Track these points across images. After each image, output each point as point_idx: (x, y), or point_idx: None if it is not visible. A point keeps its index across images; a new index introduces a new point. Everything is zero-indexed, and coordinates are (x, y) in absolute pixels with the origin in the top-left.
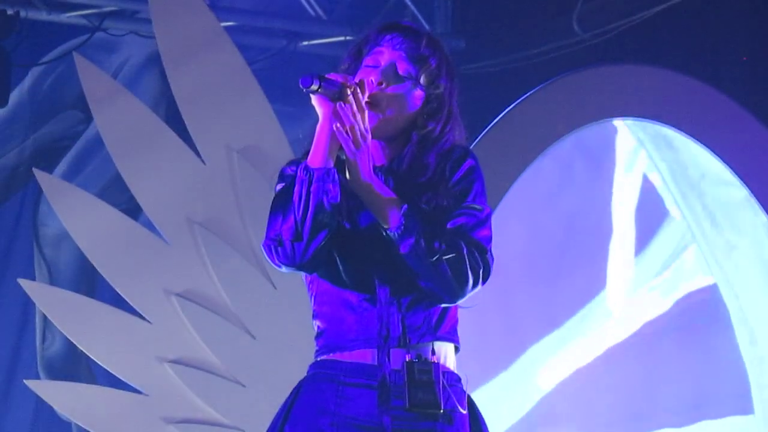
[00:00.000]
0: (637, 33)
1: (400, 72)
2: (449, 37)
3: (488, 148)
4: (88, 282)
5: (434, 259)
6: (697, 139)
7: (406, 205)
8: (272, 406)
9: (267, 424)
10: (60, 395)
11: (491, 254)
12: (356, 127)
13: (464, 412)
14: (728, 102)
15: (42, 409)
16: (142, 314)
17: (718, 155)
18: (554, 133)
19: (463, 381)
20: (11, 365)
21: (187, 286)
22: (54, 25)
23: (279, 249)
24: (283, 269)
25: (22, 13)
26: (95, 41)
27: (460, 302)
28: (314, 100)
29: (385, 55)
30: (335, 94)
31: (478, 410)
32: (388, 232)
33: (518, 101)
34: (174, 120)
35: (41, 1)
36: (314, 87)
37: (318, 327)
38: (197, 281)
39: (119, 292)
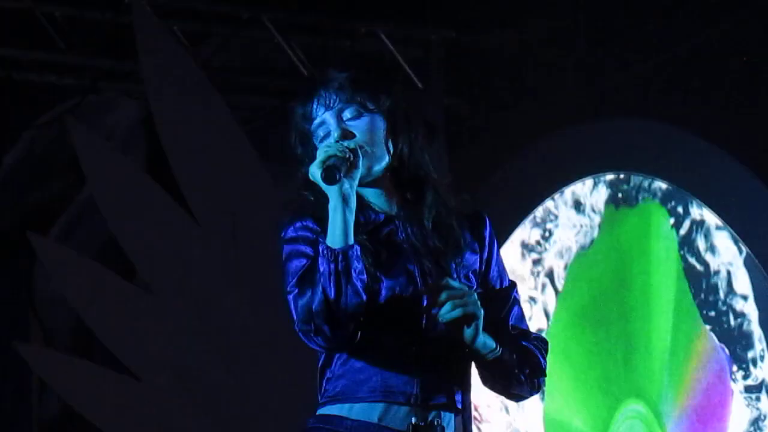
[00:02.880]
0: (631, 86)
1: (343, 113)
2: (442, 95)
3: (483, 204)
4: (85, 344)
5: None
6: (697, 196)
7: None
8: None
9: None
10: None
11: None
12: None
13: None
14: (722, 155)
15: None
16: (139, 377)
17: (716, 212)
18: (547, 189)
19: None
20: (9, 428)
21: (184, 348)
22: (46, 88)
23: (317, 337)
24: (325, 349)
25: (14, 76)
26: (88, 103)
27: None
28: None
29: (320, 119)
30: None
31: None
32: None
33: (514, 158)
34: (168, 181)
35: (33, 63)
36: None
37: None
38: (194, 345)
39: (115, 354)
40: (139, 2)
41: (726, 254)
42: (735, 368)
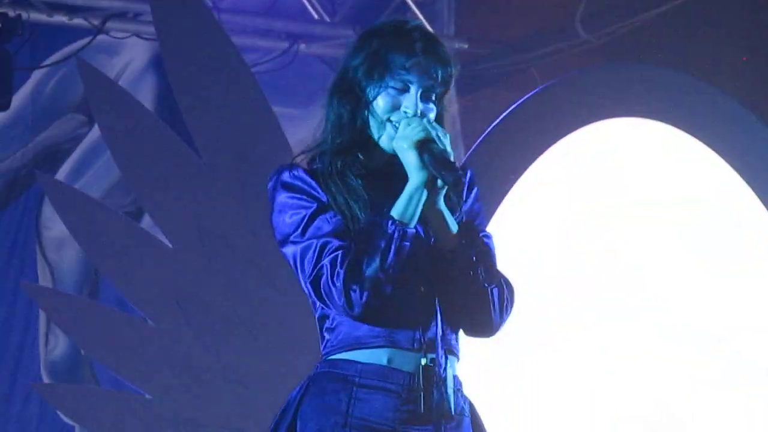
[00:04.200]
0: (639, 34)
1: (430, 98)
2: (452, 39)
3: (491, 148)
4: (91, 285)
5: (486, 284)
6: (700, 139)
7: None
8: (274, 409)
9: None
10: (63, 398)
11: None
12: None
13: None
14: (730, 101)
15: (45, 412)
16: (146, 317)
17: (720, 154)
18: (556, 133)
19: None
20: (14, 368)
21: (190, 288)
22: (56, 28)
23: (351, 298)
24: (345, 312)
25: (24, 16)
26: (97, 44)
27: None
28: (418, 164)
29: (416, 82)
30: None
31: (479, 416)
32: (448, 248)
33: (520, 101)
34: (176, 123)
35: (43, 4)
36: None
37: (331, 324)
38: (200, 284)
39: (122, 295)
40: None
41: None
42: None
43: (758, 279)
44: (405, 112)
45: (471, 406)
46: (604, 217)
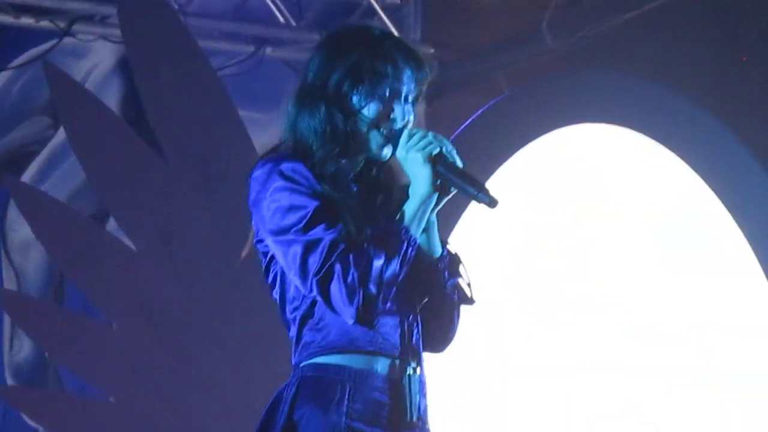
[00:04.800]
0: (605, 41)
1: (412, 103)
2: (418, 44)
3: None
4: (56, 288)
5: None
6: (665, 145)
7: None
8: (240, 414)
9: (234, 431)
10: (28, 401)
11: None
12: None
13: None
14: (696, 108)
15: (10, 415)
16: (110, 321)
17: (686, 161)
18: (522, 139)
19: None
20: None
21: (155, 292)
22: (23, 30)
23: (373, 301)
24: (349, 314)
25: None
26: (64, 46)
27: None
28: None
29: (402, 89)
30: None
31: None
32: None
33: (486, 107)
34: (142, 126)
35: (9, 6)
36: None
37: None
38: (165, 288)
39: (87, 299)
40: None
41: None
42: None
43: (720, 279)
44: (394, 120)
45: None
46: (568, 220)
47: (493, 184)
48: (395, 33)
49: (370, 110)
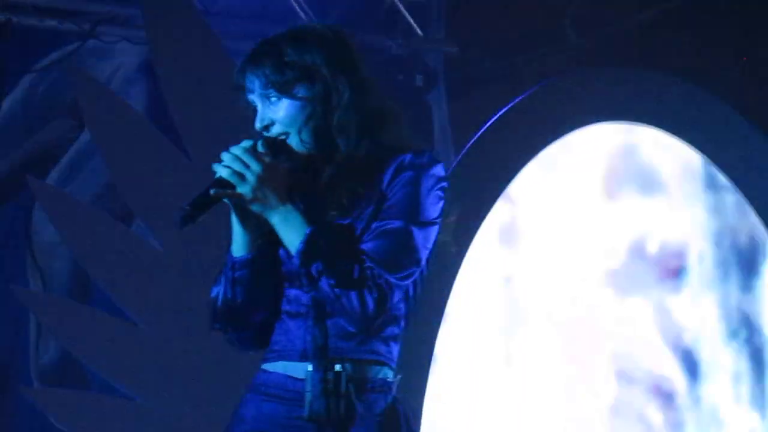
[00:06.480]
0: (630, 36)
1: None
2: (443, 42)
3: (480, 151)
4: (82, 289)
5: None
6: (690, 143)
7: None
8: None
9: None
10: (54, 403)
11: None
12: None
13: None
14: (721, 106)
15: (36, 417)
16: (136, 321)
17: (710, 158)
18: (546, 137)
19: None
20: (5, 373)
21: (181, 291)
22: (47, 32)
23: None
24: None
25: (14, 20)
26: (87, 48)
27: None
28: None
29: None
30: (213, 199)
31: (402, 414)
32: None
33: (510, 104)
34: (167, 126)
35: (33, 8)
36: (186, 221)
37: None
38: (191, 287)
39: (113, 299)
40: None
41: None
42: None
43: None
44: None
45: (389, 407)
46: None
47: (520, 182)
48: (418, 31)
49: None
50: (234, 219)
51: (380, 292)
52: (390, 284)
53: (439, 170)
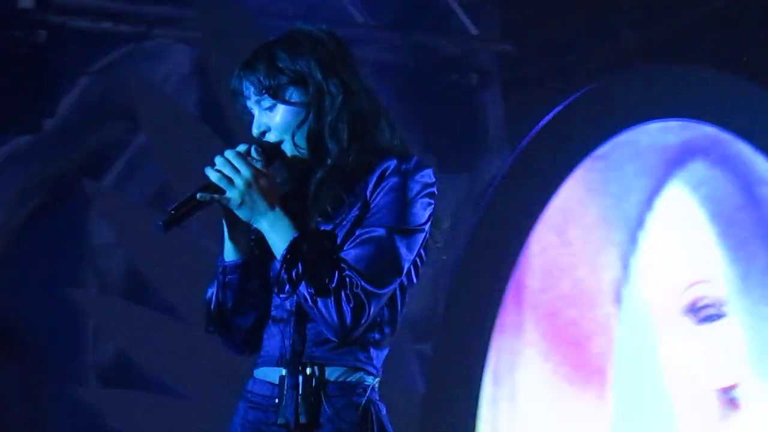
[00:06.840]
0: (684, 33)
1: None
2: (497, 41)
3: (536, 150)
4: (139, 291)
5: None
6: (746, 139)
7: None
8: None
9: None
10: (112, 404)
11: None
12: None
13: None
14: None
15: (94, 418)
16: (190, 321)
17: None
18: (601, 135)
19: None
20: (63, 376)
21: None
22: (102, 35)
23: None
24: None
25: (70, 24)
26: (142, 50)
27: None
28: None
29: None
30: (199, 203)
31: (374, 417)
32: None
33: (565, 103)
34: (222, 128)
35: (89, 11)
36: (170, 224)
37: None
38: None
39: (169, 300)
40: None
41: None
42: None
43: None
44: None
45: (362, 410)
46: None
47: (575, 181)
48: (472, 31)
49: None
50: (224, 223)
51: (357, 301)
52: (368, 293)
53: (426, 175)
